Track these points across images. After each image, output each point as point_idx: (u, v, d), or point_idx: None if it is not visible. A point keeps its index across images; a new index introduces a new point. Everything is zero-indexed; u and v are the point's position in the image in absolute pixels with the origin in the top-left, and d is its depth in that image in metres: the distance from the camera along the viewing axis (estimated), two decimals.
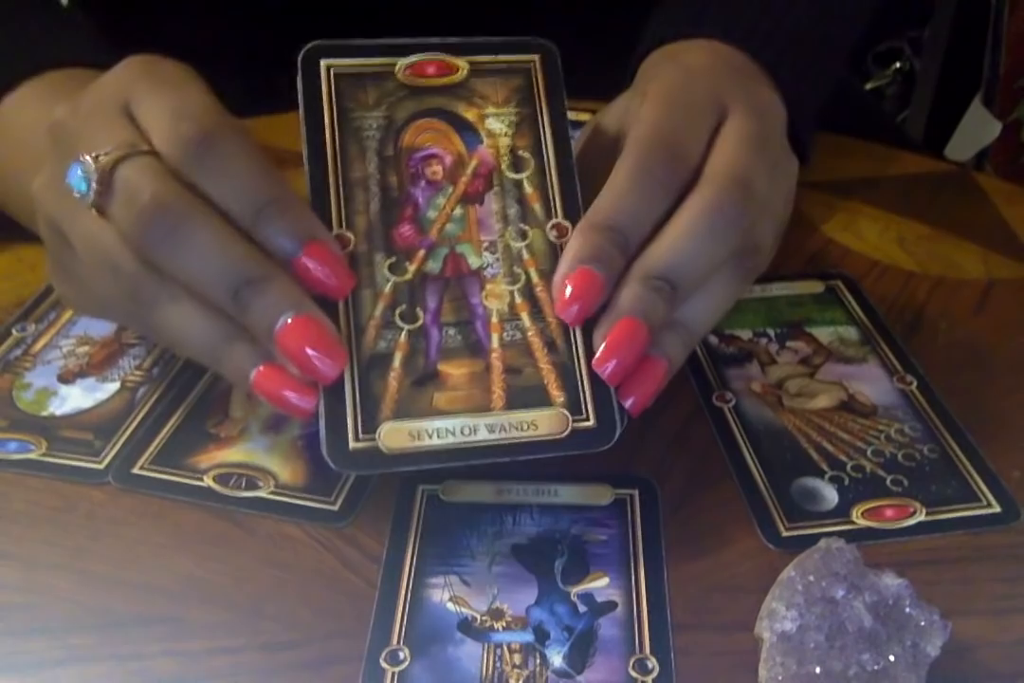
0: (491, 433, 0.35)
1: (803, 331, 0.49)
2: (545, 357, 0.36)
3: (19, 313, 0.49)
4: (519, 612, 0.36)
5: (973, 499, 0.40)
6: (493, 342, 0.37)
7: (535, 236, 0.38)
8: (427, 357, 0.36)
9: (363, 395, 0.35)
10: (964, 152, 0.92)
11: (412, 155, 0.39)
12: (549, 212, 0.38)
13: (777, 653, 0.32)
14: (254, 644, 0.35)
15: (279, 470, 0.41)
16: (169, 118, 0.36)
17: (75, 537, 0.38)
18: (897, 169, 0.63)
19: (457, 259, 0.38)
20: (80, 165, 0.36)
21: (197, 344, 0.36)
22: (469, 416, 0.35)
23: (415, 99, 0.39)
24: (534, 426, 0.35)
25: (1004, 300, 0.51)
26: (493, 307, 0.37)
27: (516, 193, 0.38)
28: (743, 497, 0.40)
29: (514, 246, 0.38)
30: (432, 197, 0.38)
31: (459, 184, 0.38)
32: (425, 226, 0.38)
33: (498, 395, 0.36)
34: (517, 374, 0.36)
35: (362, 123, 0.39)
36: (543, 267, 0.37)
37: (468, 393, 0.36)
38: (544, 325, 0.37)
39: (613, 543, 0.38)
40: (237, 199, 0.35)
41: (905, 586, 0.33)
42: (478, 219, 0.38)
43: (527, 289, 0.37)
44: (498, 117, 0.39)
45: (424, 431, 0.35)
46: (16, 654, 0.34)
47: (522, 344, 0.37)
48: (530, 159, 0.39)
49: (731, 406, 0.45)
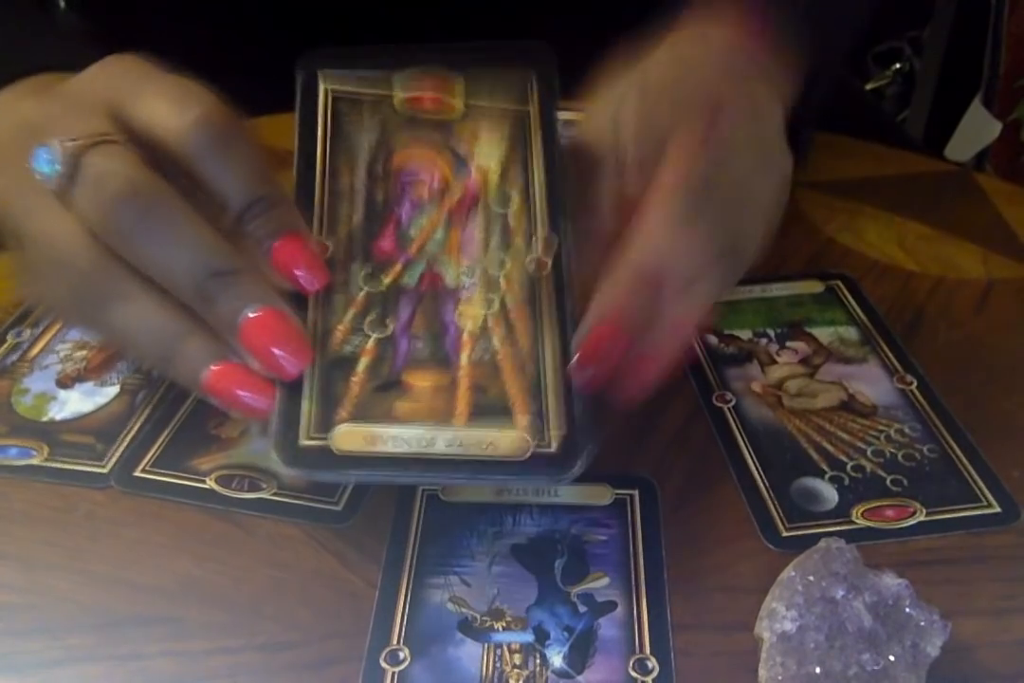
0: (448, 447, 0.34)
1: (803, 331, 0.49)
2: (514, 380, 0.36)
3: (14, 318, 0.49)
4: (519, 612, 0.36)
5: (973, 499, 0.40)
6: (462, 359, 0.36)
7: (513, 267, 0.38)
8: (392, 366, 0.36)
9: (321, 394, 0.35)
10: (964, 152, 0.92)
11: (400, 176, 0.39)
12: (530, 246, 0.38)
13: (777, 653, 0.32)
14: (253, 644, 0.35)
15: (282, 473, 0.41)
16: (171, 103, 0.35)
17: (75, 537, 0.38)
18: (897, 169, 0.63)
19: (434, 276, 0.38)
20: (47, 148, 0.34)
21: (147, 342, 0.35)
22: (428, 427, 0.35)
23: (410, 129, 0.40)
24: (493, 446, 0.34)
25: (1004, 300, 0.51)
26: (465, 326, 0.37)
27: (499, 225, 0.39)
28: (743, 497, 0.40)
29: (492, 273, 0.38)
30: (415, 217, 0.39)
31: (443, 208, 0.39)
32: (405, 243, 0.38)
33: (460, 410, 0.35)
34: (482, 393, 0.36)
35: (355, 141, 0.40)
36: (520, 295, 0.37)
37: (430, 405, 0.35)
38: (516, 349, 0.36)
39: (613, 543, 0.38)
40: (235, 187, 0.35)
41: (905, 586, 0.33)
42: (459, 243, 0.38)
43: (502, 314, 0.37)
44: (489, 156, 0.40)
45: (379, 437, 0.34)
46: (16, 654, 0.34)
47: (491, 364, 0.36)
48: (516, 198, 0.39)
49: (731, 406, 0.45)
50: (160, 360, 0.35)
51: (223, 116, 0.35)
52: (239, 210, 0.35)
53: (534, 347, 0.36)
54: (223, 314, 0.34)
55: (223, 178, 0.35)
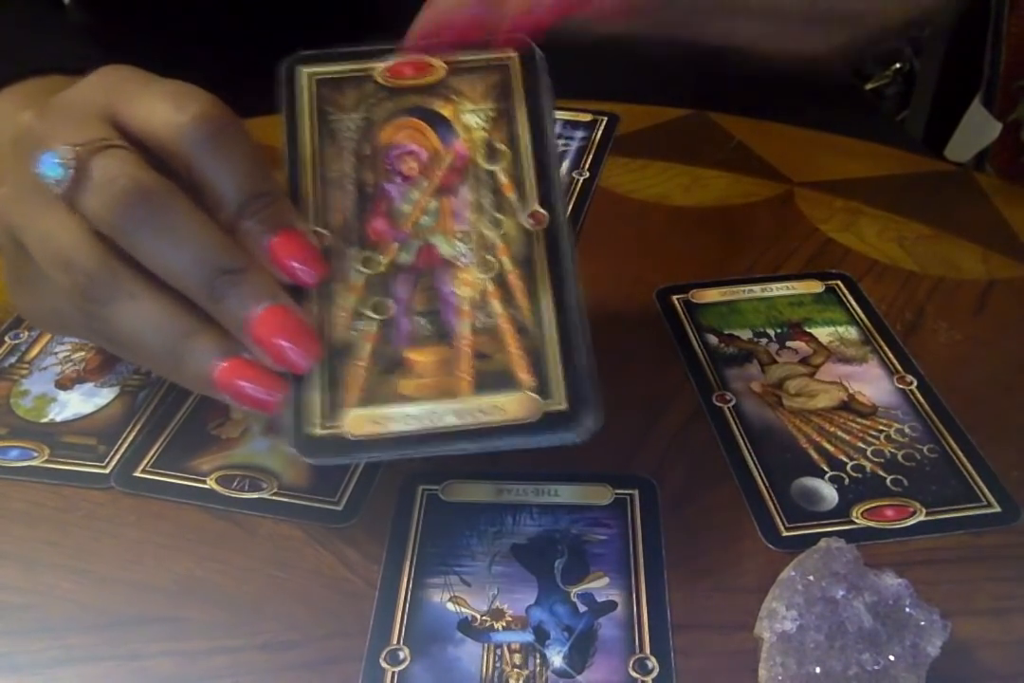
0: (458, 419, 0.34)
1: (803, 331, 0.49)
2: (515, 342, 0.36)
3: (11, 320, 0.49)
4: (519, 612, 0.36)
5: (973, 499, 0.40)
6: (463, 328, 0.36)
7: (509, 225, 0.37)
8: (396, 346, 0.36)
9: (330, 383, 0.35)
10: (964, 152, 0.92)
11: (388, 152, 0.39)
12: (524, 200, 0.38)
13: (777, 653, 0.32)
14: (254, 644, 0.35)
15: (282, 471, 0.41)
16: (167, 103, 0.35)
17: (75, 537, 0.38)
18: (897, 169, 0.63)
19: (430, 250, 0.38)
20: (53, 153, 0.35)
21: (154, 343, 0.35)
22: (435, 402, 0.35)
23: (393, 99, 0.40)
24: (502, 410, 0.34)
25: (1004, 300, 0.51)
26: (465, 295, 0.37)
27: (491, 184, 0.38)
28: (743, 497, 0.40)
29: (487, 235, 0.37)
30: (407, 192, 0.38)
31: (433, 178, 0.38)
32: (399, 220, 0.38)
33: (465, 381, 0.35)
34: (486, 359, 0.36)
35: (340, 125, 0.39)
36: (516, 254, 0.37)
37: (435, 380, 0.35)
38: (515, 311, 0.36)
39: (613, 543, 0.38)
40: (232, 183, 0.35)
41: (905, 586, 0.33)
42: (452, 210, 0.38)
43: (499, 277, 0.37)
44: (475, 112, 0.39)
45: (389, 418, 0.35)
46: (16, 654, 0.34)
47: (492, 330, 0.36)
48: (506, 151, 0.38)
49: (731, 406, 0.45)
50: (168, 358, 0.35)
51: (220, 113, 0.35)
52: (237, 207, 0.35)
53: (533, 305, 0.36)
54: (232, 310, 0.35)
55: (221, 174, 0.35)
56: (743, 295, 0.51)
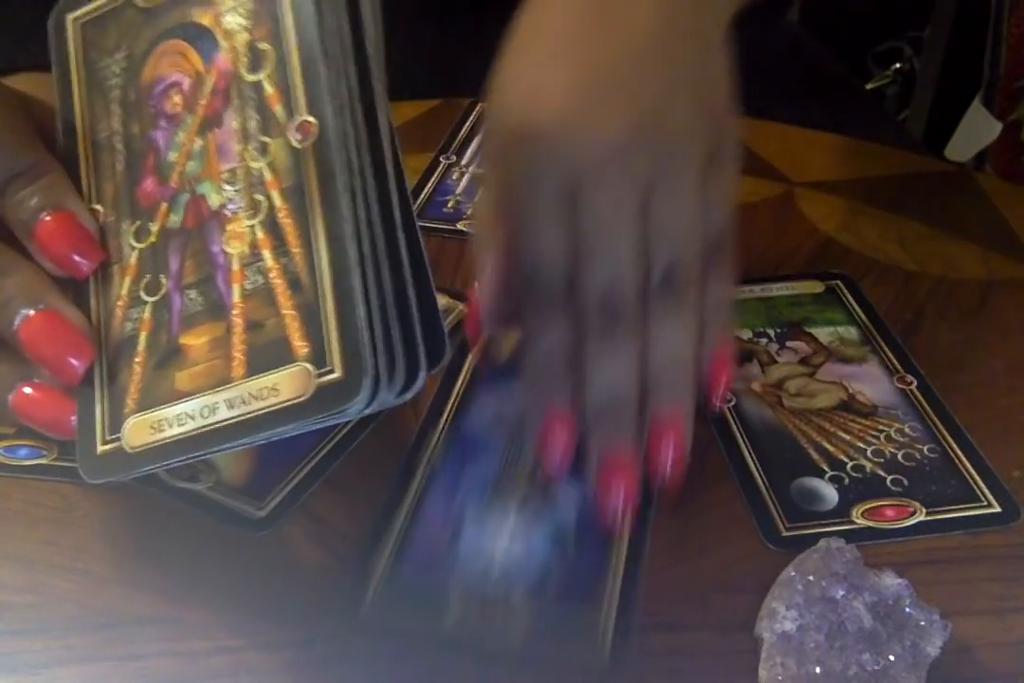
0: (231, 409, 0.30)
1: (803, 331, 0.49)
2: (289, 302, 0.31)
3: None
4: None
5: (973, 499, 0.40)
6: (235, 295, 0.32)
7: (276, 148, 0.32)
8: (169, 331, 0.32)
9: (111, 391, 0.32)
10: (964, 152, 0.92)
11: (152, 91, 0.34)
12: (291, 110, 0.31)
13: (777, 653, 0.32)
14: (254, 644, 0.35)
15: (224, 467, 0.40)
16: None
17: (75, 537, 0.38)
18: (897, 169, 0.63)
19: (198, 203, 0.33)
20: None
21: None
22: (209, 394, 0.31)
23: (152, 23, 0.34)
24: (275, 391, 0.30)
25: (1004, 300, 0.51)
26: (235, 252, 0.32)
27: (256, 100, 0.32)
28: (743, 497, 0.40)
29: (254, 167, 0.32)
30: (172, 135, 0.34)
31: (197, 110, 0.33)
32: (166, 173, 0.34)
33: (239, 361, 0.31)
34: (259, 329, 0.31)
35: (106, 72, 0.35)
36: (286, 185, 0.31)
37: (208, 365, 0.31)
38: (288, 260, 0.31)
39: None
40: None
41: (905, 586, 0.33)
42: (218, 146, 0.33)
43: (270, 219, 0.32)
44: (234, 10, 0.33)
45: (165, 420, 0.31)
46: (16, 654, 0.34)
47: (264, 290, 0.31)
48: (269, 50, 0.32)
49: (731, 406, 0.45)
50: None
51: None
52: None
53: (306, 249, 0.31)
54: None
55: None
56: (743, 295, 0.51)
